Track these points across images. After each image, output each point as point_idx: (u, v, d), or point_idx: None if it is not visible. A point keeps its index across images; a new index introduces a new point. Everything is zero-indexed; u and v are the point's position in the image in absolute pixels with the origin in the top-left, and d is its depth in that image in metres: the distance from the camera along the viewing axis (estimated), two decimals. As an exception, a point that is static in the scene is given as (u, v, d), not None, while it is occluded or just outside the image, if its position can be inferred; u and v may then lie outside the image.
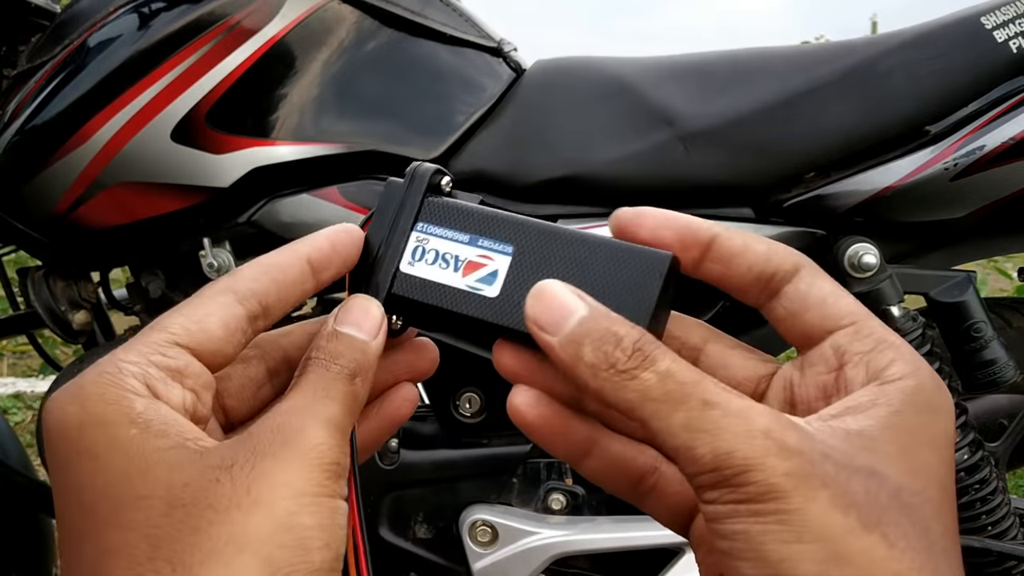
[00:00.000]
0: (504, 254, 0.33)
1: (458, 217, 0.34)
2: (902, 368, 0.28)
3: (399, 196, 0.35)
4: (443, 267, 0.33)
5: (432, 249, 0.34)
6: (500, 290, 0.32)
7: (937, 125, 0.84)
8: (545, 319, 0.28)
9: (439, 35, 0.94)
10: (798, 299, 0.31)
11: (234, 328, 0.30)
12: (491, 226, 0.33)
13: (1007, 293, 2.78)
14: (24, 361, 3.11)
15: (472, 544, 0.92)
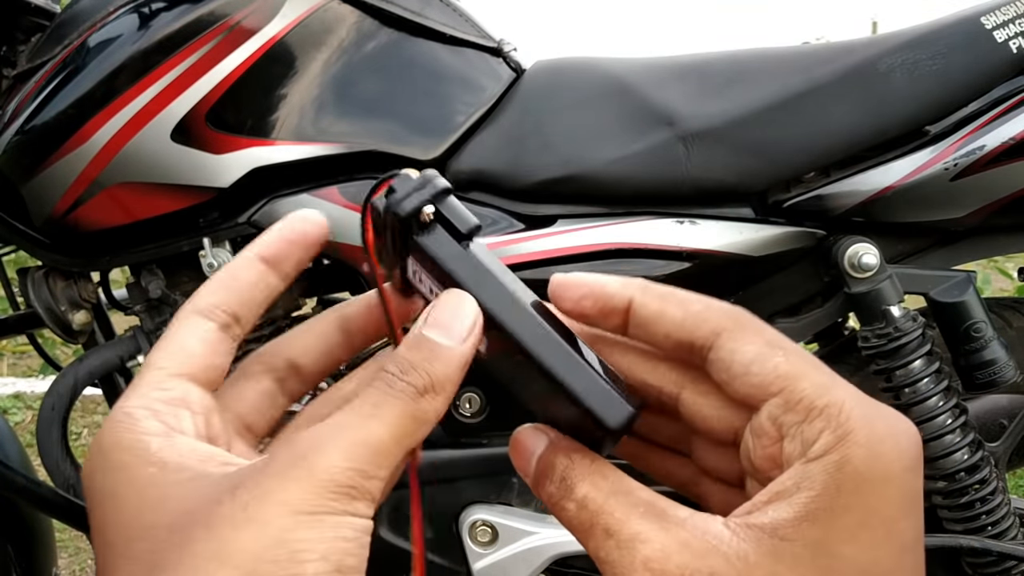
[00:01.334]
0: None
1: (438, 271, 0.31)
2: (827, 440, 0.26)
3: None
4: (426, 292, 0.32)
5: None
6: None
7: (937, 125, 0.84)
8: (518, 459, 0.31)
9: (439, 35, 0.94)
10: (723, 368, 0.29)
11: (212, 341, 0.30)
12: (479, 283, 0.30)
13: (1007, 293, 2.78)
14: (24, 361, 3.11)
15: (472, 544, 0.92)
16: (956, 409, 0.86)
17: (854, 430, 0.26)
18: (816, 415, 0.26)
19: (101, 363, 0.99)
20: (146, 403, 0.28)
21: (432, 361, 0.28)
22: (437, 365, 0.28)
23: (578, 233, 0.87)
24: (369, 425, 0.27)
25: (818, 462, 0.26)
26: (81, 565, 1.85)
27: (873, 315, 0.86)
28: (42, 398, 0.98)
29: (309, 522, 0.25)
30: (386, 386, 0.28)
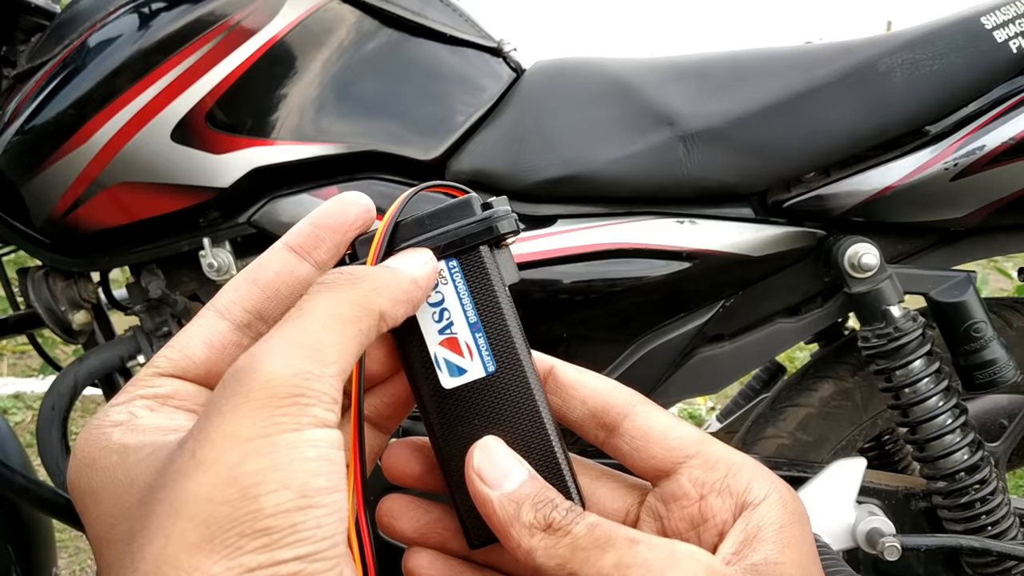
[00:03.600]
0: (485, 368, 0.31)
1: (485, 293, 0.31)
2: (762, 486, 0.30)
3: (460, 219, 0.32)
4: (435, 319, 0.32)
5: (440, 293, 0.32)
6: (454, 389, 0.31)
7: (937, 125, 0.84)
8: (488, 473, 0.30)
9: (439, 35, 0.94)
10: (640, 434, 0.31)
11: (219, 343, 0.30)
12: (499, 333, 0.31)
13: (1007, 293, 2.77)
14: (24, 361, 3.11)
15: (472, 544, 0.92)
16: (956, 409, 0.86)
17: (773, 478, 0.31)
18: (738, 468, 0.31)
19: (101, 363, 0.99)
20: (126, 400, 0.28)
21: (385, 277, 0.29)
22: (377, 270, 0.29)
23: (578, 233, 0.87)
24: (299, 323, 0.26)
25: (765, 503, 0.30)
26: (81, 565, 1.85)
27: (873, 315, 0.86)
28: (42, 398, 0.98)
29: (259, 449, 0.24)
30: (314, 287, 0.28)
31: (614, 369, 0.91)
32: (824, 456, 0.94)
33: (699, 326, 0.90)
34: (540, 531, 0.28)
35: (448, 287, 0.32)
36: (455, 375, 0.31)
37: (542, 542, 0.28)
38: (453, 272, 0.32)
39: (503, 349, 0.31)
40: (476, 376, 0.31)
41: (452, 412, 0.31)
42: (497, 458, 0.30)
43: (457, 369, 0.31)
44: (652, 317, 0.91)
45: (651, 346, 0.91)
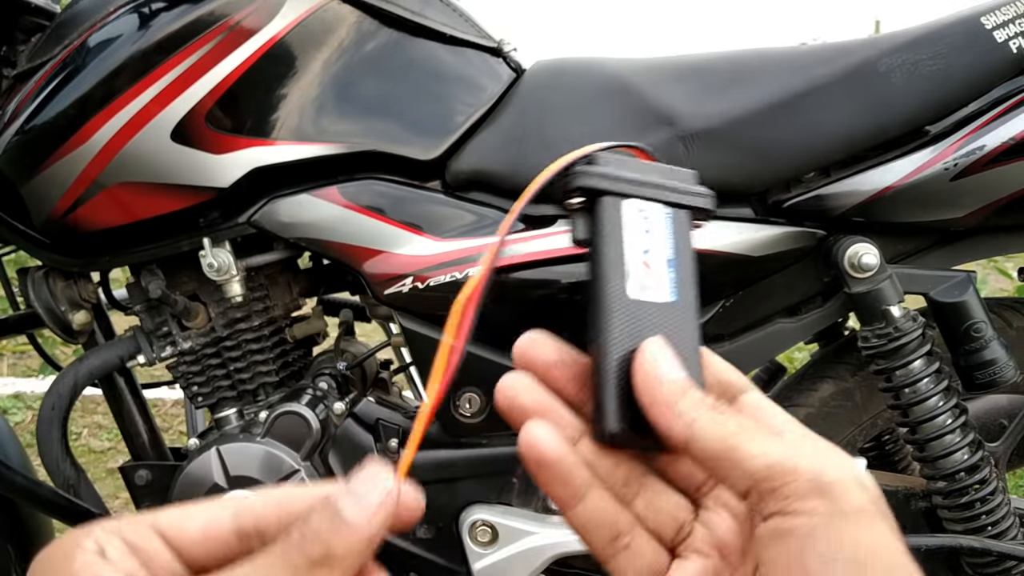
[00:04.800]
0: (669, 295, 0.35)
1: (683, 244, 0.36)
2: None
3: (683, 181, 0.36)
4: (639, 241, 0.35)
5: (650, 223, 0.35)
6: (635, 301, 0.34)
7: (937, 125, 0.84)
8: (663, 359, 0.32)
9: (439, 35, 0.94)
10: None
11: (213, 537, 0.29)
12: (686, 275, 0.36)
13: (1007, 293, 2.77)
14: (24, 361, 3.11)
15: (472, 544, 0.92)
16: (956, 409, 0.86)
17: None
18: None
19: (101, 363, 0.99)
20: (110, 531, 0.28)
21: (334, 534, 0.27)
22: (337, 539, 0.27)
23: (578, 233, 0.87)
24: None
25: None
26: (81, 565, 1.85)
27: (873, 315, 0.86)
28: (42, 398, 0.98)
29: None
30: (283, 553, 0.28)
31: (614, 369, 0.91)
32: (824, 456, 0.94)
33: (699, 326, 0.90)
34: (706, 408, 0.31)
35: (659, 223, 0.35)
36: (640, 290, 0.34)
37: (708, 416, 0.30)
38: (666, 216, 0.35)
39: (685, 289, 0.35)
40: (658, 299, 0.34)
41: (626, 318, 0.33)
42: (670, 353, 0.32)
43: (643, 286, 0.34)
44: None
45: (651, 346, 0.91)
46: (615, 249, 0.34)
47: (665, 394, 0.31)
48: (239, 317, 0.96)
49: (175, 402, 2.65)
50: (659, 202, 0.35)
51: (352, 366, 1.02)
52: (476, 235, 0.88)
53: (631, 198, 0.35)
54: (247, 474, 0.90)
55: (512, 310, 0.89)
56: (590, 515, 0.32)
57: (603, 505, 0.32)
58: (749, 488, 0.30)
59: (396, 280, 0.88)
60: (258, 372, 0.98)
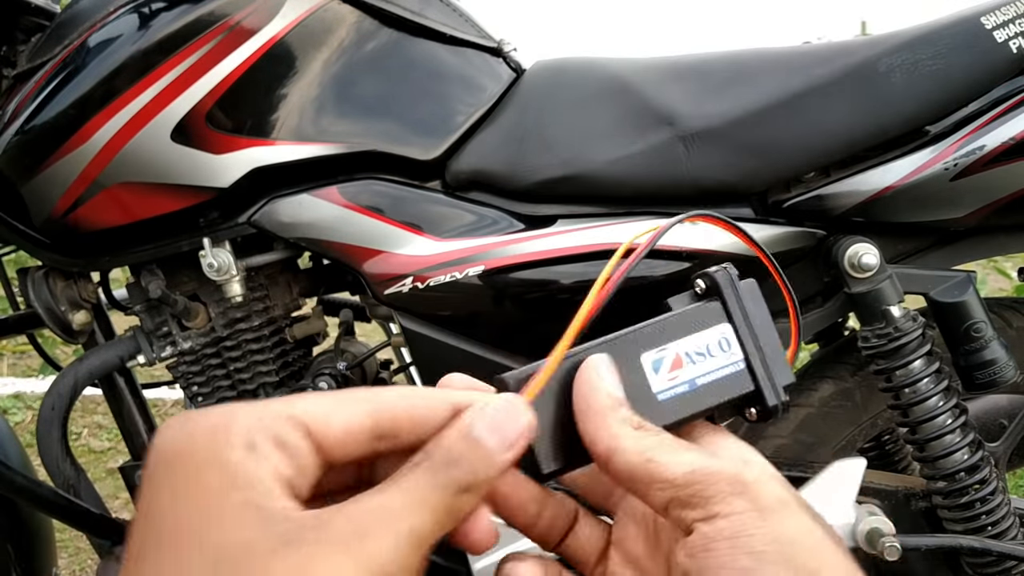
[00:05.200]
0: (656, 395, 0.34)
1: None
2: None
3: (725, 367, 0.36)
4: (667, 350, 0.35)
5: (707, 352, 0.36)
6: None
7: (937, 125, 0.84)
8: (601, 374, 0.33)
9: (439, 35, 0.94)
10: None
11: (353, 438, 0.29)
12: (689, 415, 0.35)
13: (1007, 293, 2.77)
14: (24, 361, 3.11)
15: (472, 544, 0.92)
16: (956, 409, 0.86)
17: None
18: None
19: (101, 363, 0.99)
20: (254, 422, 0.27)
21: (478, 461, 0.29)
22: (481, 467, 0.29)
23: (578, 233, 0.87)
24: (417, 516, 0.27)
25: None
26: (81, 565, 1.85)
27: (873, 315, 0.86)
28: (42, 398, 0.98)
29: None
30: (433, 475, 0.28)
31: (614, 369, 0.91)
32: (824, 456, 0.94)
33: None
34: (630, 426, 0.31)
35: (720, 363, 0.35)
36: (649, 366, 0.34)
37: (631, 433, 0.31)
38: (734, 368, 0.35)
39: (674, 408, 0.34)
40: (652, 386, 0.34)
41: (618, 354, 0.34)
42: (616, 376, 0.33)
43: (654, 367, 0.34)
44: (652, 317, 0.90)
45: (651, 346, 0.91)
46: (680, 329, 0.35)
47: (599, 403, 0.32)
48: (239, 317, 0.96)
49: (175, 402, 2.65)
50: (745, 358, 0.35)
51: (352, 366, 1.02)
52: (476, 235, 0.88)
53: (731, 326, 0.35)
54: (247, 474, 0.90)
55: (512, 310, 0.89)
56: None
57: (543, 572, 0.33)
58: (670, 499, 0.30)
59: (396, 280, 0.88)
60: (258, 372, 0.98)
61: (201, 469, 0.26)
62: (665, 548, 0.34)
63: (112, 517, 1.00)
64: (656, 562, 0.34)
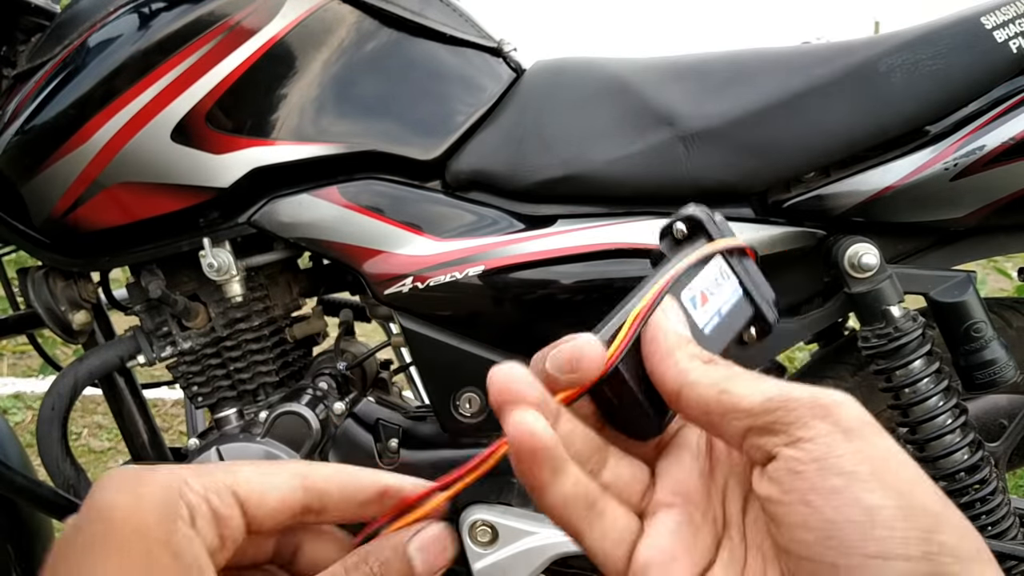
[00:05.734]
0: (700, 329, 0.36)
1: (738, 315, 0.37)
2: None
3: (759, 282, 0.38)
4: (701, 283, 0.37)
5: (722, 286, 0.37)
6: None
7: (937, 125, 0.84)
8: (671, 316, 0.34)
9: (439, 35, 0.94)
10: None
11: (285, 509, 0.31)
12: (724, 336, 0.37)
13: (1007, 293, 2.77)
14: (24, 361, 3.11)
15: (472, 544, 0.92)
16: (956, 409, 0.86)
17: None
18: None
19: (101, 363, 0.99)
20: (199, 494, 0.29)
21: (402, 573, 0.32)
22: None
23: (578, 233, 0.87)
24: None
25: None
26: (81, 565, 1.85)
27: (873, 315, 0.86)
28: (42, 398, 0.98)
29: None
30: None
31: (614, 369, 0.91)
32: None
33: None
34: (700, 361, 0.32)
35: (727, 292, 0.37)
36: (687, 302, 0.35)
37: (701, 367, 0.32)
38: (735, 295, 0.37)
39: (717, 336, 0.36)
40: (696, 320, 0.35)
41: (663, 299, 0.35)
42: (680, 314, 0.34)
43: (692, 304, 0.36)
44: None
45: (651, 346, 0.91)
46: (692, 271, 0.36)
47: (667, 342, 0.32)
48: (239, 317, 0.96)
49: (175, 402, 2.66)
50: (740, 284, 0.37)
51: (352, 366, 1.02)
52: (476, 235, 0.88)
53: (723, 258, 0.37)
54: (247, 474, 0.90)
55: (512, 310, 0.89)
56: (566, 492, 0.32)
57: (577, 479, 0.32)
58: (747, 429, 0.30)
59: (396, 280, 0.88)
60: (258, 372, 0.98)
61: (148, 544, 0.27)
62: (721, 482, 0.34)
63: (112, 517, 1.00)
64: (710, 495, 0.33)
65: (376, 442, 0.96)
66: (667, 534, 0.33)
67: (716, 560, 0.32)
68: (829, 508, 0.27)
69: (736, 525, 0.33)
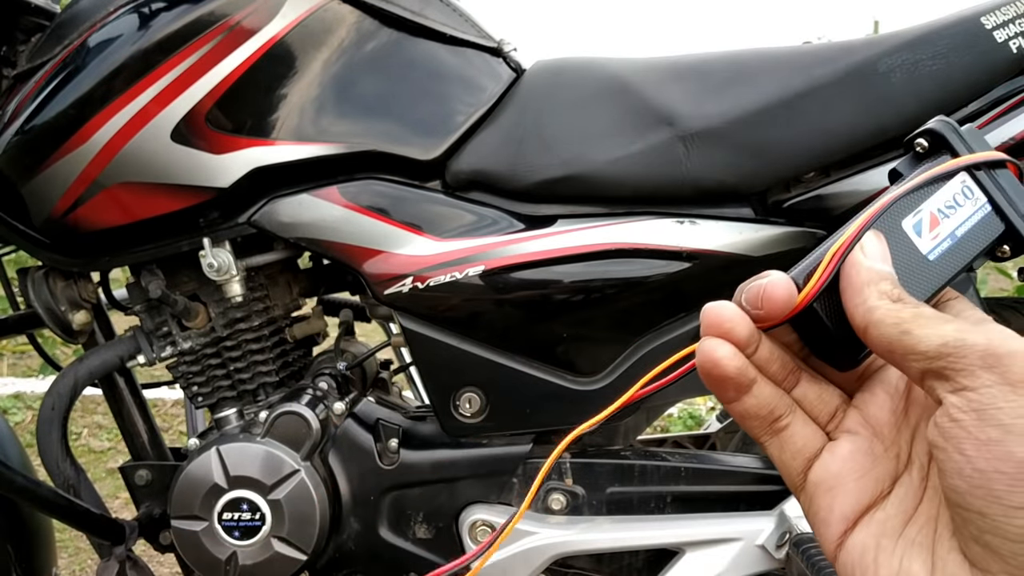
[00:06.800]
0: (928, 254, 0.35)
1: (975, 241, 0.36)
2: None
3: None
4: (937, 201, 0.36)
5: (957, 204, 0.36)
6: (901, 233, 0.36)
7: (937, 125, 0.84)
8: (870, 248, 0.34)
9: (439, 35, 0.94)
10: None
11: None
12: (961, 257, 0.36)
13: (1007, 293, 2.77)
14: (24, 361, 3.12)
15: (472, 544, 0.92)
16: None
17: None
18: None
19: (101, 363, 0.99)
20: None
21: None
22: None
23: (578, 233, 0.87)
24: None
25: None
26: (81, 565, 1.85)
27: (873, 315, 0.86)
28: (42, 398, 0.98)
29: None
30: None
31: (614, 369, 0.91)
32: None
33: (699, 326, 0.90)
34: (889, 299, 0.32)
35: (972, 211, 0.35)
36: (911, 229, 0.35)
37: (888, 305, 0.32)
38: (983, 211, 0.36)
39: (946, 263, 0.35)
40: (920, 248, 0.35)
41: (883, 229, 0.35)
42: (882, 248, 0.34)
43: (917, 231, 0.35)
44: (652, 317, 0.91)
45: (651, 346, 0.91)
46: (924, 192, 0.35)
47: (858, 279, 0.33)
48: (239, 317, 0.96)
49: (175, 402, 2.66)
50: (989, 199, 0.35)
51: (352, 366, 1.02)
52: (476, 235, 0.88)
53: (967, 174, 0.35)
54: (247, 474, 0.90)
55: (512, 310, 0.89)
56: (752, 403, 0.34)
57: (766, 392, 0.35)
58: (924, 371, 0.30)
59: (396, 280, 0.88)
60: (258, 372, 0.98)
61: None
62: (913, 422, 0.34)
63: (112, 517, 1.00)
64: (899, 432, 0.34)
65: (376, 442, 0.96)
66: (841, 458, 0.34)
67: (891, 494, 0.33)
68: (982, 459, 0.28)
69: (920, 466, 0.33)
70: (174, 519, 0.92)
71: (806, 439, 0.35)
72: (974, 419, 0.28)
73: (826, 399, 0.36)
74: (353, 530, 0.96)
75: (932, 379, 0.30)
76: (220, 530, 0.91)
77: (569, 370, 0.92)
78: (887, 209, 0.35)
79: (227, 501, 0.90)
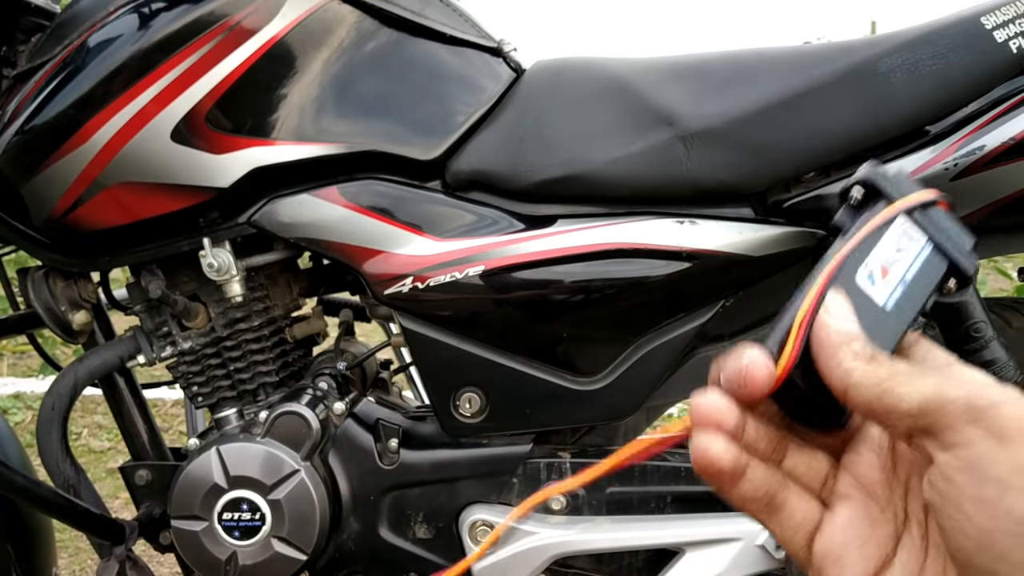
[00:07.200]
0: (883, 303, 0.35)
1: (922, 286, 0.36)
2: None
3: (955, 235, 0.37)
4: (885, 249, 0.36)
5: (904, 251, 0.36)
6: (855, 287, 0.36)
7: (937, 125, 0.84)
8: (835, 310, 0.34)
9: (439, 35, 0.94)
10: None
11: None
12: (913, 303, 0.36)
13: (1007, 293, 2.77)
14: (24, 361, 3.12)
15: (472, 544, 0.92)
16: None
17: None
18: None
19: (101, 363, 0.99)
20: None
21: None
22: None
23: (578, 233, 0.87)
24: None
25: None
26: (81, 565, 1.85)
27: (873, 315, 0.86)
28: (42, 398, 0.98)
29: None
30: None
31: (614, 369, 0.91)
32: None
33: (699, 326, 0.90)
34: (863, 360, 0.31)
35: (914, 253, 0.36)
36: (866, 282, 0.35)
37: (863, 367, 0.31)
38: (926, 252, 0.36)
39: (902, 310, 0.35)
40: (875, 300, 0.35)
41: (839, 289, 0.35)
42: (847, 308, 0.34)
43: (870, 282, 0.35)
44: (652, 317, 0.91)
45: (651, 346, 0.91)
46: (868, 243, 0.35)
47: (830, 342, 0.32)
48: (239, 317, 0.96)
49: (175, 402, 2.66)
50: (929, 238, 0.36)
51: (352, 366, 1.02)
52: (476, 235, 0.88)
53: (905, 217, 0.36)
54: (247, 474, 0.90)
55: (512, 310, 0.89)
56: (748, 488, 0.34)
57: (759, 474, 0.34)
58: (910, 430, 0.30)
59: (396, 280, 0.88)
60: (258, 372, 0.98)
61: None
62: (903, 477, 0.34)
63: (112, 517, 1.00)
64: (892, 491, 0.34)
65: (376, 442, 0.96)
66: (842, 526, 0.34)
67: (895, 557, 0.33)
68: (983, 517, 0.28)
69: (917, 523, 0.33)
70: (174, 519, 0.92)
71: (804, 513, 0.35)
72: (969, 477, 0.28)
73: (815, 466, 0.36)
74: (353, 530, 0.96)
75: (920, 437, 0.30)
76: (220, 530, 0.91)
77: (569, 370, 0.92)
78: (842, 266, 0.35)
79: (227, 501, 0.90)
